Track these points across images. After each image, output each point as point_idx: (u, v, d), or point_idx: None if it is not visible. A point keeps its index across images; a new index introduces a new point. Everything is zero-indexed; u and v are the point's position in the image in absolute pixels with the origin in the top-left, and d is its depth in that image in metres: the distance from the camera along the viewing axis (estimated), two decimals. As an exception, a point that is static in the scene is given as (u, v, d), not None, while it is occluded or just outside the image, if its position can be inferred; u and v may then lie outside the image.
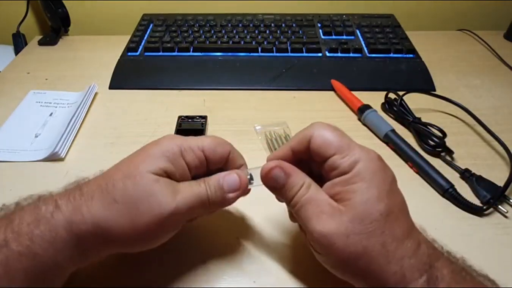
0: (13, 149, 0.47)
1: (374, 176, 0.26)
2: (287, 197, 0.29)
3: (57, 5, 0.70)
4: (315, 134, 0.28)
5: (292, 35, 0.66)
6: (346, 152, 0.27)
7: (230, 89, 0.58)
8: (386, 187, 0.26)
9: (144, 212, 0.27)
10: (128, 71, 0.61)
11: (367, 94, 0.54)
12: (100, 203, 0.27)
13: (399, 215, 0.26)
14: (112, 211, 0.26)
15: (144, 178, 0.27)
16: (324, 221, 0.26)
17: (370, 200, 0.25)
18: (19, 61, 0.66)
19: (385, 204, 0.25)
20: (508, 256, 0.35)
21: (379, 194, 0.26)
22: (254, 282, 0.33)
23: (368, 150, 0.28)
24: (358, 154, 0.27)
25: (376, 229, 0.25)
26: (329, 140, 0.28)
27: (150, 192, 0.27)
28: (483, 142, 0.49)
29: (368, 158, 0.27)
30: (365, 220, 0.25)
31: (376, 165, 0.27)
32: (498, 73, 0.63)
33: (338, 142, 0.28)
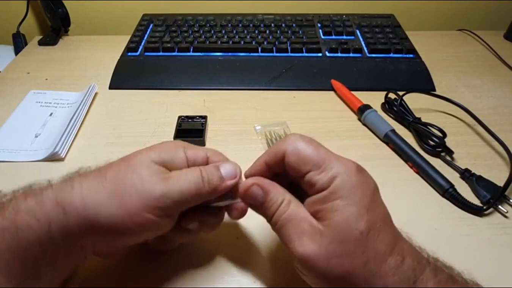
0: (13, 149, 0.47)
1: (352, 192, 0.25)
2: (267, 215, 0.28)
3: (57, 5, 0.70)
4: (288, 150, 0.27)
5: (292, 35, 0.66)
6: (323, 168, 0.26)
7: (230, 89, 0.58)
8: (366, 202, 0.25)
9: (131, 195, 0.26)
10: (128, 71, 0.61)
11: (367, 94, 0.54)
12: (92, 181, 0.27)
13: (382, 229, 0.25)
14: (100, 189, 0.26)
15: (138, 161, 0.28)
16: (305, 242, 0.25)
17: (349, 219, 0.25)
18: (19, 61, 0.66)
19: (365, 222, 0.25)
20: (508, 256, 0.35)
21: (359, 211, 0.25)
22: (254, 282, 0.33)
23: (346, 163, 0.27)
24: (335, 169, 0.26)
25: (358, 249, 0.24)
26: (303, 155, 0.27)
27: (140, 174, 0.27)
28: (483, 142, 0.49)
29: (346, 172, 0.26)
30: (346, 241, 0.24)
31: (355, 179, 0.26)
32: (498, 73, 0.63)
33: (313, 157, 0.26)
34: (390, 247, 0.25)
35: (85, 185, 0.26)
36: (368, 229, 0.25)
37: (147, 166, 0.27)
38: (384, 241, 0.25)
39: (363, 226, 0.24)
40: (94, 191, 0.26)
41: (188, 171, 0.29)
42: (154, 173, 0.27)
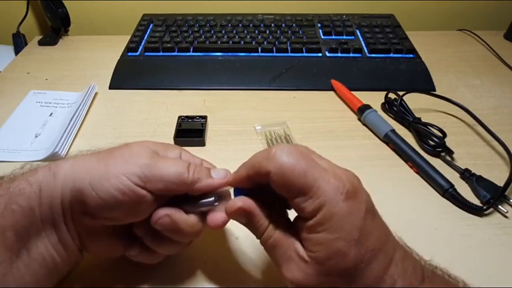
0: (13, 149, 0.47)
1: (340, 224, 0.23)
2: (255, 235, 0.28)
3: (57, 5, 0.70)
4: (273, 171, 0.25)
5: (292, 35, 0.66)
6: (310, 194, 0.24)
7: (230, 89, 0.58)
8: (355, 233, 0.23)
9: (117, 158, 0.27)
10: (128, 71, 0.61)
11: (367, 94, 0.54)
12: (85, 155, 0.29)
13: (372, 258, 0.24)
14: (91, 158, 0.28)
15: (133, 143, 0.29)
16: (292, 269, 0.25)
17: (335, 255, 0.23)
18: (19, 61, 0.66)
19: (353, 256, 0.23)
20: (508, 256, 0.35)
21: (347, 245, 0.23)
22: (254, 282, 0.33)
23: (336, 186, 0.24)
24: (322, 197, 0.23)
25: (344, 281, 0.24)
26: (289, 180, 0.24)
27: (131, 149, 0.28)
28: (483, 142, 0.49)
29: (334, 199, 0.23)
30: (332, 274, 0.24)
31: (344, 207, 0.23)
32: (498, 73, 0.63)
33: (300, 182, 0.24)
34: (379, 276, 0.24)
35: (78, 157, 0.28)
36: (355, 262, 0.23)
37: (141, 146, 0.29)
38: (373, 271, 0.24)
39: (349, 261, 0.23)
40: (84, 159, 0.28)
41: (177, 159, 0.30)
42: (145, 151, 0.28)
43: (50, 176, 0.27)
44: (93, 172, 0.27)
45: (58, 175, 0.27)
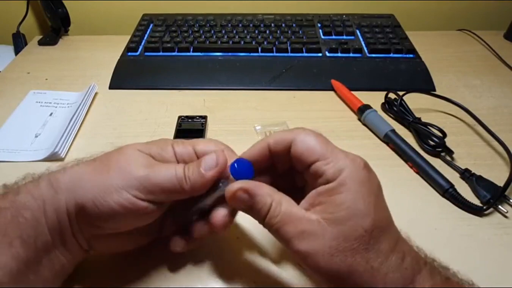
0: (13, 149, 0.47)
1: (360, 187, 0.25)
2: (258, 218, 0.27)
3: (57, 5, 0.70)
4: (297, 139, 0.27)
5: (292, 35, 0.66)
6: (331, 159, 0.26)
7: (230, 89, 0.58)
8: (372, 199, 0.25)
9: (115, 169, 0.28)
10: (128, 71, 0.61)
11: (367, 94, 0.54)
12: (82, 164, 0.29)
13: (385, 228, 0.25)
14: (88, 167, 0.28)
15: (127, 147, 0.29)
16: (305, 240, 0.24)
17: (355, 215, 0.24)
18: (19, 61, 0.66)
19: (371, 219, 0.24)
20: (508, 256, 0.35)
21: (365, 208, 0.24)
22: (254, 282, 0.33)
23: (354, 158, 0.26)
24: (343, 162, 0.26)
25: (361, 246, 0.24)
26: (312, 145, 0.27)
27: (126, 155, 0.29)
28: (483, 142, 0.49)
29: (353, 166, 0.25)
30: (350, 237, 0.24)
31: (362, 175, 0.25)
32: (498, 73, 0.63)
33: (321, 148, 0.26)
34: (393, 245, 0.25)
35: (75, 167, 0.29)
36: (373, 227, 0.24)
37: (135, 151, 0.29)
38: (386, 239, 0.25)
39: (368, 224, 0.24)
40: (82, 169, 0.28)
41: (172, 165, 0.29)
42: (139, 157, 0.29)
43: (52, 192, 0.27)
44: (93, 188, 0.27)
45: (60, 190, 0.27)
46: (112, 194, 0.27)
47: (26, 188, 0.28)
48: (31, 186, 0.28)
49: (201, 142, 0.31)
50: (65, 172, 0.28)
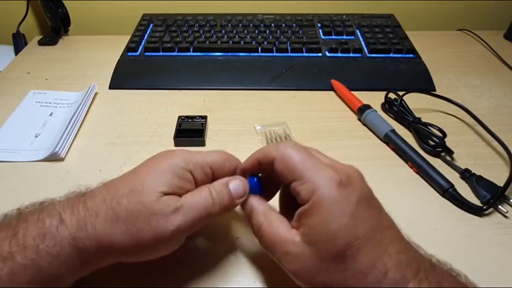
0: (13, 149, 0.47)
1: (331, 208, 0.25)
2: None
3: (57, 5, 0.70)
4: (277, 158, 0.28)
5: (292, 35, 0.66)
6: (305, 179, 0.26)
7: (230, 89, 0.58)
8: (345, 219, 0.25)
9: (146, 232, 0.27)
10: (128, 71, 0.61)
11: (367, 94, 0.54)
12: (103, 221, 0.27)
13: (362, 245, 0.25)
14: (115, 229, 0.27)
15: (147, 195, 0.27)
16: (291, 262, 0.26)
17: (327, 237, 0.25)
18: (19, 61, 0.66)
19: (342, 239, 0.25)
20: (508, 256, 0.35)
21: (337, 229, 0.25)
22: (254, 282, 0.33)
23: (330, 175, 0.26)
24: (316, 182, 0.26)
25: (337, 266, 0.25)
26: (289, 165, 0.27)
27: (152, 211, 0.27)
28: (483, 142, 0.49)
29: (327, 185, 0.26)
30: (325, 258, 0.25)
31: (335, 194, 0.25)
32: (498, 73, 0.63)
33: (298, 167, 0.27)
34: (373, 261, 0.25)
35: (98, 226, 0.27)
36: (347, 247, 0.25)
37: (158, 200, 0.27)
38: (365, 257, 0.25)
39: (340, 244, 0.25)
40: (109, 232, 0.27)
41: (198, 196, 0.29)
42: (164, 207, 0.27)
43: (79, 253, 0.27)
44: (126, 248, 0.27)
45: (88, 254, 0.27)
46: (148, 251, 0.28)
47: (48, 247, 0.26)
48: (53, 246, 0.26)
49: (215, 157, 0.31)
50: (88, 233, 0.26)
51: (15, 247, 0.25)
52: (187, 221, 0.28)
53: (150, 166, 0.29)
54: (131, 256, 0.28)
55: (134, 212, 0.27)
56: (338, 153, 0.46)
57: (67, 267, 0.26)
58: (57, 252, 0.26)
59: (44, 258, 0.25)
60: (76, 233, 0.26)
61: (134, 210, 0.27)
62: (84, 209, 0.27)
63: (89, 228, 0.26)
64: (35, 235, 0.26)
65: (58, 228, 0.26)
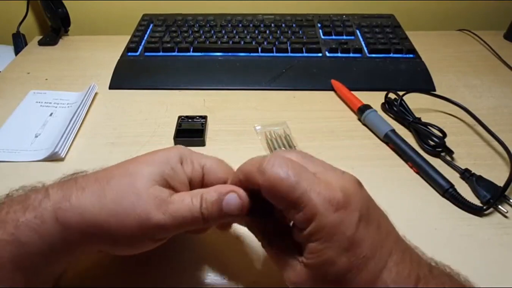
0: (13, 149, 0.47)
1: (331, 234, 0.24)
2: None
3: (57, 5, 0.70)
4: (263, 186, 0.25)
5: (292, 35, 0.66)
6: (300, 207, 0.24)
7: (230, 89, 0.58)
8: (346, 242, 0.24)
9: (131, 216, 0.26)
10: (128, 71, 0.61)
11: (367, 94, 0.54)
12: (90, 195, 0.26)
13: (362, 266, 0.24)
14: (99, 204, 0.26)
15: (139, 181, 0.27)
16: (290, 274, 0.26)
17: (326, 263, 0.24)
18: (19, 61, 0.66)
19: (342, 265, 0.24)
20: (508, 256, 0.35)
21: (336, 255, 0.24)
22: (254, 282, 0.33)
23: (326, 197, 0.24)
24: (313, 209, 0.24)
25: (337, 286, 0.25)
26: (279, 194, 0.24)
27: (140, 196, 0.26)
28: (483, 142, 0.49)
29: (324, 212, 0.24)
30: (325, 281, 0.25)
31: (334, 218, 0.24)
32: (498, 73, 0.63)
33: (289, 196, 0.24)
34: (371, 282, 0.24)
35: (83, 199, 0.26)
36: (345, 271, 0.24)
37: (149, 188, 0.27)
38: (363, 278, 0.24)
39: (339, 270, 0.24)
40: (93, 207, 0.26)
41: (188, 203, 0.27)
42: (152, 197, 0.26)
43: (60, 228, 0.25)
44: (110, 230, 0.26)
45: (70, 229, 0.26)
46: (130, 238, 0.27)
47: (28, 220, 0.25)
48: (33, 218, 0.25)
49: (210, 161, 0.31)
50: (71, 206, 0.26)
51: None
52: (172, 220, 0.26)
53: (148, 155, 0.29)
54: (114, 241, 0.27)
55: (121, 192, 0.26)
56: (338, 153, 0.47)
57: (49, 244, 0.25)
58: (37, 225, 0.25)
59: (23, 232, 0.25)
60: (58, 204, 0.25)
61: (122, 190, 0.26)
62: (73, 184, 0.27)
63: (73, 200, 0.26)
64: (16, 209, 0.25)
65: (41, 201, 0.26)
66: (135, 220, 0.26)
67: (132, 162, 0.29)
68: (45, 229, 0.25)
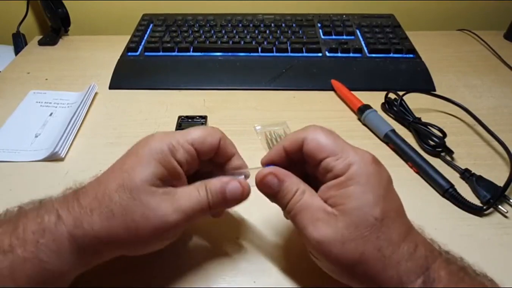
0: (13, 149, 0.47)
1: (368, 180, 0.26)
2: (282, 203, 0.29)
3: (57, 5, 0.70)
4: (308, 137, 0.28)
5: (292, 35, 0.66)
6: (340, 155, 0.27)
7: (230, 89, 0.58)
8: (381, 191, 0.26)
9: (145, 227, 0.27)
10: (128, 71, 0.61)
11: (367, 94, 0.54)
12: (98, 218, 0.27)
13: (395, 218, 0.26)
14: (111, 224, 0.27)
15: (139, 191, 0.27)
16: (319, 228, 0.26)
17: (365, 205, 0.25)
18: (19, 61, 0.66)
19: (380, 209, 0.25)
20: (508, 256, 0.35)
21: (374, 198, 0.26)
22: (254, 282, 0.33)
23: (363, 153, 0.28)
24: (352, 157, 0.27)
25: (372, 235, 0.25)
26: (322, 142, 0.28)
27: (147, 206, 0.27)
28: (483, 142, 0.49)
29: (362, 161, 0.27)
30: (360, 226, 0.25)
31: (371, 168, 0.27)
32: (498, 73, 0.63)
33: (331, 145, 0.28)
34: (404, 235, 0.26)
35: (95, 225, 0.26)
36: (382, 216, 0.25)
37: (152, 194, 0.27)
38: (397, 229, 0.26)
39: (377, 213, 0.25)
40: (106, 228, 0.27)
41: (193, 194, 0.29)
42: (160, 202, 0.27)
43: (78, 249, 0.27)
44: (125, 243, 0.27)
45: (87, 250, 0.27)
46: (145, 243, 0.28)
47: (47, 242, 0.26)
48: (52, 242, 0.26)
49: (196, 133, 0.30)
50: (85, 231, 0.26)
51: (15, 241, 0.25)
52: (184, 216, 0.28)
53: (133, 156, 0.29)
54: (131, 249, 0.29)
55: (128, 208, 0.27)
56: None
57: (67, 262, 0.26)
58: (57, 247, 0.26)
59: (43, 252, 0.26)
60: (73, 231, 0.26)
61: (129, 206, 0.27)
62: (79, 206, 0.27)
63: (86, 226, 0.26)
64: (34, 230, 0.26)
65: (56, 224, 0.26)
66: (149, 228, 0.27)
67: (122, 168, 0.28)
68: (64, 251, 0.26)
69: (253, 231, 0.37)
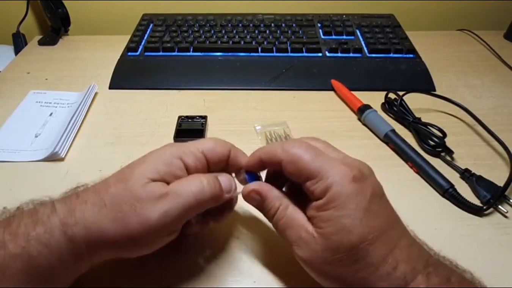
0: (13, 149, 0.47)
1: (347, 202, 0.26)
2: (267, 217, 0.30)
3: (57, 5, 0.70)
4: (285, 160, 0.28)
5: (292, 35, 0.66)
6: (319, 177, 0.26)
7: (230, 89, 0.58)
8: (360, 213, 0.25)
9: (132, 218, 0.26)
10: (128, 71, 0.61)
11: (367, 94, 0.54)
12: (91, 207, 0.27)
13: (375, 239, 0.25)
14: (102, 215, 0.27)
15: (133, 182, 0.27)
16: (302, 248, 0.27)
17: (341, 231, 0.25)
18: (19, 61, 0.66)
19: (357, 234, 0.25)
20: (508, 256, 0.35)
21: (351, 223, 0.25)
22: (254, 282, 0.33)
23: (345, 170, 0.26)
24: (331, 177, 0.26)
25: (349, 258, 0.25)
26: (299, 166, 0.27)
27: (137, 196, 0.27)
28: (483, 142, 0.49)
29: (341, 181, 0.26)
30: (338, 250, 0.25)
31: (350, 188, 0.26)
32: (498, 73, 0.63)
33: (309, 167, 0.27)
34: (383, 256, 0.25)
35: (85, 212, 0.27)
36: (360, 241, 0.25)
37: (144, 186, 0.27)
38: (376, 251, 0.25)
39: (354, 238, 0.25)
40: (96, 218, 0.27)
41: (187, 182, 0.28)
42: (149, 193, 0.27)
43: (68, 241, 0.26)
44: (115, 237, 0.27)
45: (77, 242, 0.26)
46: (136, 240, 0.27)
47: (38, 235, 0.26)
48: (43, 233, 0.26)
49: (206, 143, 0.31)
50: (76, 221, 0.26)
51: (7, 236, 0.26)
52: (174, 208, 0.27)
53: (141, 159, 0.30)
54: (121, 247, 0.28)
55: (119, 198, 0.27)
56: (338, 153, 0.47)
57: (58, 257, 0.26)
58: (47, 240, 0.26)
59: (34, 246, 0.25)
60: (65, 219, 0.26)
61: (120, 195, 0.27)
62: (76, 198, 0.28)
63: (78, 214, 0.26)
64: (27, 223, 0.26)
65: (49, 216, 0.26)
66: (136, 220, 0.26)
67: (127, 168, 0.29)
68: (54, 243, 0.26)
69: (254, 231, 0.37)
